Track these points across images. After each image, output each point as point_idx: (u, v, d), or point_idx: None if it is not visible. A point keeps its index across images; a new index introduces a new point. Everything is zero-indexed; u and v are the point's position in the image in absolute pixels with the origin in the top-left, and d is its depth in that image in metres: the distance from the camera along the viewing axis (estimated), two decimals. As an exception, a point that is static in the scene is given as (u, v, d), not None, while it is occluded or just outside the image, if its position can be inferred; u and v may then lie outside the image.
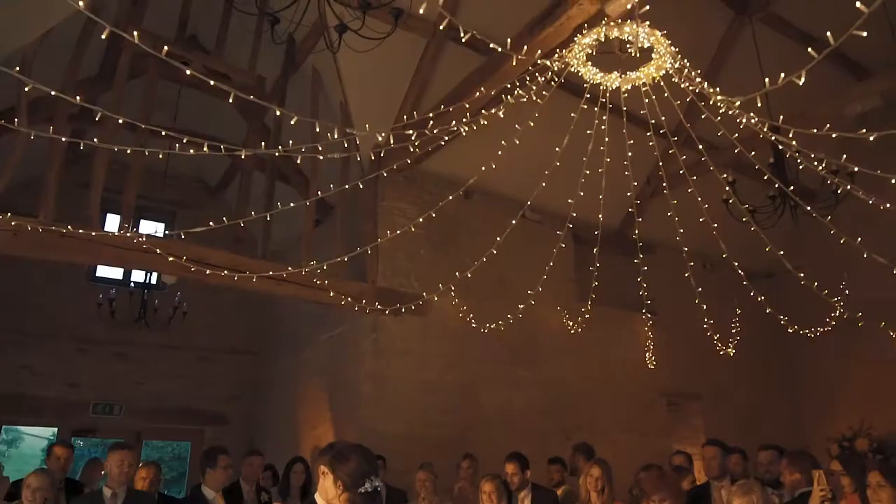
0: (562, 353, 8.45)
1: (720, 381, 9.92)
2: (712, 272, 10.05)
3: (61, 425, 9.12)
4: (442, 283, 6.27)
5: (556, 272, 8.24)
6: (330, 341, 8.21)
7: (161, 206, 9.77)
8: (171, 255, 5.77)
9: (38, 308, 9.21)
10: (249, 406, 10.18)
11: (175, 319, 8.57)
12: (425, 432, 7.03)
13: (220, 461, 4.94)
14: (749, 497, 3.63)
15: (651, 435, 8.75)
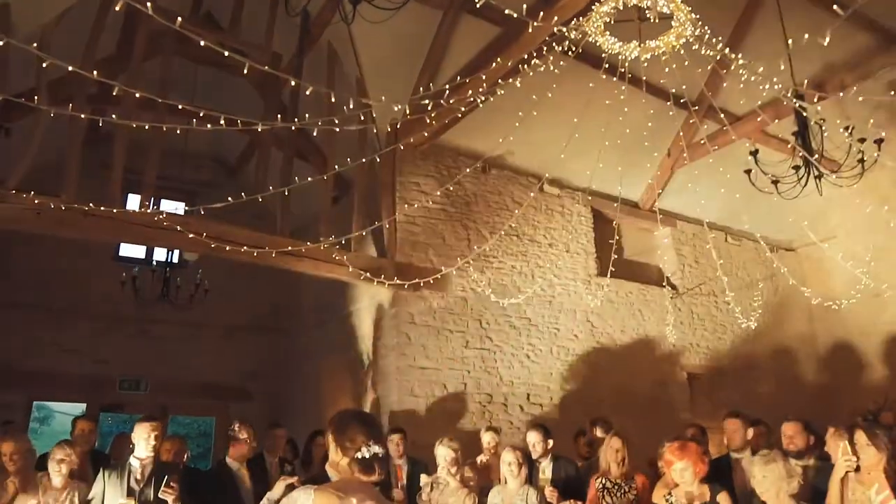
0: (582, 327, 8.43)
1: (742, 354, 9.84)
2: (734, 245, 9.96)
3: (90, 401, 9.31)
4: (460, 257, 6.28)
5: (575, 246, 8.24)
6: (350, 316, 8.27)
7: (181, 186, 9.83)
8: (192, 232, 5.83)
9: (64, 287, 9.39)
10: (272, 381, 10.33)
11: (197, 297, 8.66)
12: (446, 405, 7.08)
13: (243, 433, 5.02)
14: (771, 467, 3.62)
15: (672, 409, 8.73)
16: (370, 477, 2.35)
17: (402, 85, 7.07)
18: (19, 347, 9.12)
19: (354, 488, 2.33)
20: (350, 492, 2.31)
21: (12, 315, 9.05)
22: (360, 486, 2.35)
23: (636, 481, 4.91)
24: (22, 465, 4.54)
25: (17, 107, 6.36)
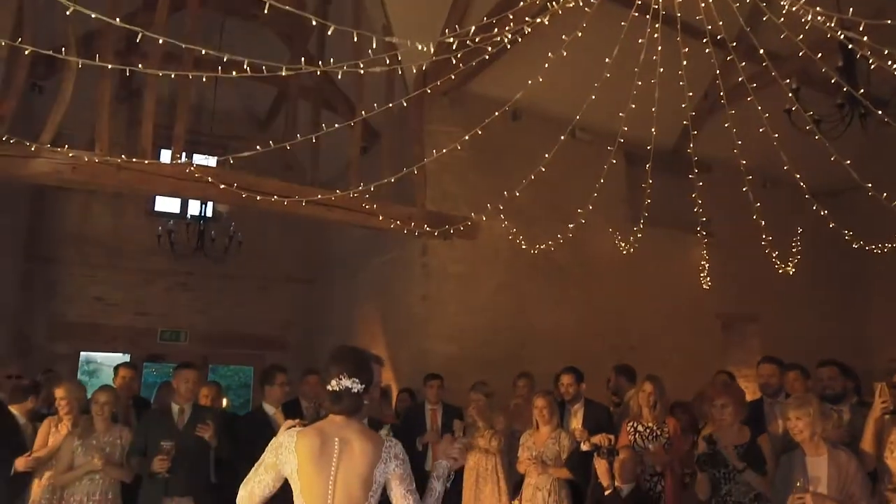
0: (614, 275, 8.36)
1: (779, 302, 9.68)
2: (773, 190, 9.66)
3: (133, 352, 9.63)
4: (490, 205, 6.22)
5: (608, 192, 8.07)
6: (381, 266, 8.32)
7: (211, 141, 9.90)
8: (223, 182, 5.87)
9: (104, 243, 9.63)
10: (306, 331, 10.54)
11: (231, 249, 8.81)
12: (477, 353, 7.13)
13: (277, 378, 5.14)
14: (805, 409, 3.58)
15: (705, 357, 8.66)
16: (339, 409, 2.35)
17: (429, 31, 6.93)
18: (63, 301, 9.43)
19: (337, 427, 2.35)
20: (333, 431, 2.33)
21: (54, 270, 9.34)
22: (343, 424, 2.35)
23: (668, 425, 4.92)
24: (72, 410, 4.74)
25: (48, 64, 6.44)
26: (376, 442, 2.31)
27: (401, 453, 2.34)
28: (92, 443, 4.57)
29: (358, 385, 2.33)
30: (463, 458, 2.57)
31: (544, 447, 4.98)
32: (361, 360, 2.44)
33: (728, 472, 4.04)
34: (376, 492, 2.28)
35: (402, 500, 2.29)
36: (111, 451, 4.60)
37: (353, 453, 2.27)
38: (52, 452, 4.63)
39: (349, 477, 2.25)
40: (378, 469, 2.27)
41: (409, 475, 2.33)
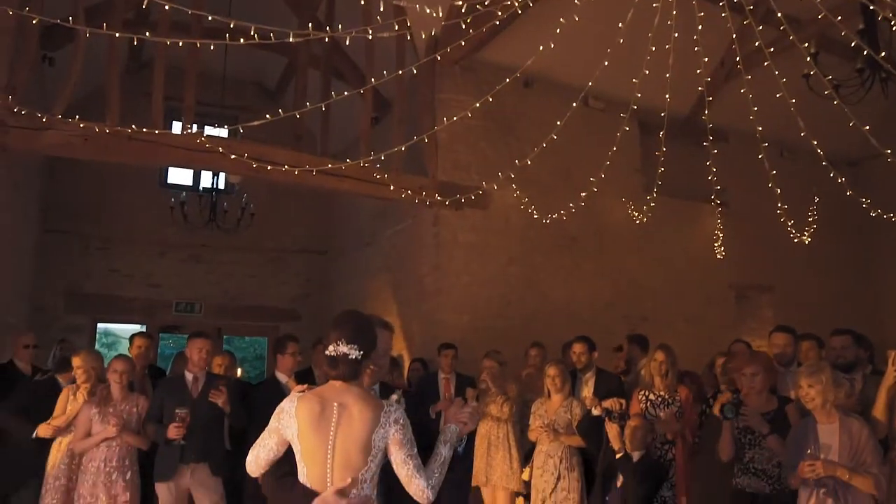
0: (626, 245, 8.31)
1: (793, 272, 9.59)
2: (789, 160, 9.55)
3: (148, 323, 9.73)
4: (502, 174, 6.17)
5: (621, 162, 7.99)
6: (393, 237, 8.32)
7: (222, 112, 9.87)
8: (233, 153, 5.86)
9: (117, 215, 9.70)
10: (319, 302, 10.60)
11: (244, 221, 8.83)
12: (490, 323, 7.14)
13: (289, 347, 5.18)
14: (817, 377, 3.55)
15: (718, 327, 8.62)
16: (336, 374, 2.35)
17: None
18: (79, 273, 9.53)
19: (337, 392, 2.34)
20: (332, 396, 2.33)
21: (69, 242, 9.42)
22: (343, 389, 2.35)
23: (679, 394, 4.92)
24: (89, 378, 4.81)
25: (57, 34, 6.41)
26: (375, 407, 2.30)
27: (401, 418, 2.30)
28: (109, 410, 4.64)
29: (356, 351, 2.31)
30: (473, 422, 2.49)
31: (556, 415, 5.01)
32: (361, 325, 2.41)
33: (753, 437, 4.03)
34: (376, 456, 2.27)
35: (402, 465, 2.27)
36: (128, 418, 4.68)
37: (352, 418, 2.27)
38: (71, 420, 4.71)
39: (348, 442, 2.26)
40: (377, 434, 2.25)
41: (409, 440, 2.30)
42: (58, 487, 4.60)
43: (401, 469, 2.28)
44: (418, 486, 2.26)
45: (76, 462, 4.67)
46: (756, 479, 3.97)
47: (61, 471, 4.65)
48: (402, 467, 2.28)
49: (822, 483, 3.35)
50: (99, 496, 4.48)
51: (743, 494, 3.98)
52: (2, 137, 5.37)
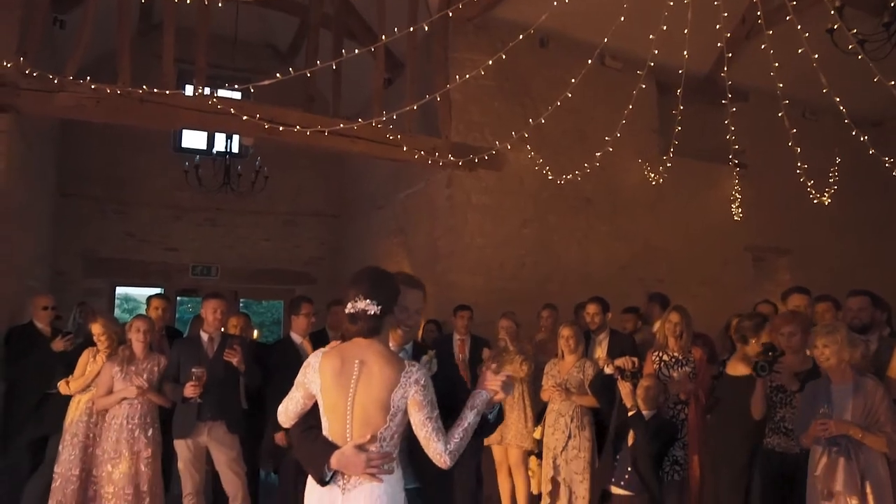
0: (643, 207, 8.22)
1: (813, 235, 9.46)
2: (811, 120, 9.34)
3: (166, 286, 9.84)
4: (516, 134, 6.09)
5: (638, 122, 7.87)
6: (406, 199, 8.29)
7: (234, 75, 9.81)
8: (245, 114, 5.84)
9: (133, 180, 9.75)
10: (334, 266, 10.67)
11: (258, 185, 8.83)
12: (503, 285, 7.14)
13: (303, 308, 5.23)
14: (833, 336, 3.52)
15: (734, 290, 8.55)
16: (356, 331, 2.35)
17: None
18: (96, 237, 9.63)
19: (359, 349, 2.34)
20: (354, 353, 2.33)
21: (85, 207, 9.50)
22: (366, 346, 2.34)
23: (693, 355, 4.90)
24: (111, 344, 4.89)
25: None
26: (396, 366, 2.27)
27: (422, 379, 2.26)
28: (131, 369, 4.74)
29: (374, 307, 2.30)
30: (506, 391, 2.38)
31: (568, 375, 5.03)
32: (379, 280, 2.40)
33: (785, 396, 4.01)
34: (395, 415, 2.25)
35: (421, 427, 2.24)
36: (150, 377, 4.78)
37: (372, 376, 2.27)
38: (90, 380, 4.80)
39: (366, 399, 2.26)
40: (396, 393, 2.23)
41: (429, 402, 2.25)
42: (75, 444, 4.72)
43: (419, 431, 2.25)
44: (436, 450, 2.23)
45: (94, 419, 4.78)
46: (786, 438, 3.96)
47: (79, 427, 4.77)
48: (420, 429, 2.25)
49: (834, 442, 3.34)
50: (122, 452, 4.60)
51: (772, 454, 3.98)
52: (14, 100, 5.37)
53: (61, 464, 4.68)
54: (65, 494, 4.62)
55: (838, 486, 3.25)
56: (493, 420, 2.49)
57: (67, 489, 4.63)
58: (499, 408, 2.49)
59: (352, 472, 2.25)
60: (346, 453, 2.25)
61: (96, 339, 4.88)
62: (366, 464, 2.21)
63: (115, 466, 4.57)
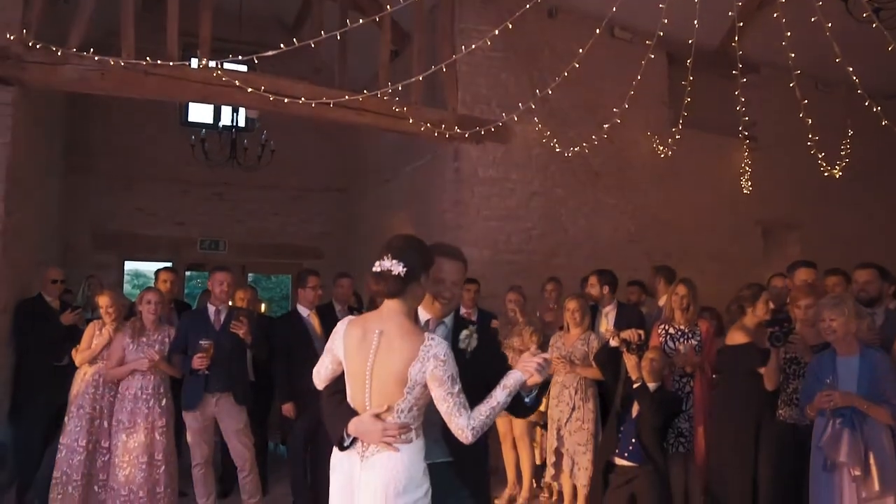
0: (651, 180, 8.15)
1: (823, 209, 9.38)
2: (824, 93, 9.19)
3: (175, 261, 9.87)
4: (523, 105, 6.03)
5: (648, 95, 7.78)
6: (413, 173, 8.26)
7: (239, 48, 9.73)
8: (251, 86, 5.80)
9: (139, 154, 9.74)
10: (341, 240, 10.67)
11: (264, 158, 8.81)
12: (510, 258, 7.13)
13: (309, 281, 5.25)
14: (840, 309, 3.50)
15: (743, 264, 8.50)
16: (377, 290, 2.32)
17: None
18: (104, 212, 9.66)
19: (381, 320, 2.33)
20: (375, 324, 2.32)
21: (93, 181, 9.51)
22: (389, 317, 2.32)
23: (700, 328, 4.89)
24: (118, 317, 4.93)
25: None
26: (415, 340, 2.22)
27: (441, 354, 2.18)
28: (142, 340, 4.79)
29: (399, 267, 2.24)
30: (541, 374, 2.27)
31: (573, 348, 5.03)
32: (411, 244, 2.36)
33: (799, 368, 4.00)
34: (413, 389, 2.21)
35: (442, 402, 2.18)
36: (160, 348, 4.82)
37: (391, 348, 2.25)
38: (97, 352, 4.86)
39: (384, 371, 2.25)
40: (413, 367, 2.18)
41: (450, 377, 2.17)
42: (81, 415, 4.77)
43: (440, 405, 2.20)
44: (458, 425, 2.17)
45: (100, 391, 4.84)
46: (799, 410, 3.95)
47: (85, 399, 4.81)
48: (441, 404, 2.19)
49: (839, 413, 3.34)
50: (137, 422, 4.66)
51: (784, 425, 3.98)
52: (18, 73, 5.35)
53: (67, 435, 4.75)
54: (70, 465, 4.69)
55: (842, 457, 3.25)
56: (529, 403, 2.40)
57: (73, 460, 4.70)
58: (537, 391, 2.40)
59: (368, 440, 2.25)
60: (363, 421, 2.26)
61: (103, 312, 4.92)
62: (382, 433, 2.21)
63: (129, 436, 4.64)
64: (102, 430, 4.81)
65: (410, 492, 2.19)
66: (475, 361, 2.45)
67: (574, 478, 4.98)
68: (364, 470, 2.25)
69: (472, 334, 2.50)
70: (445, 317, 2.54)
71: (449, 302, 2.50)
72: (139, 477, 4.60)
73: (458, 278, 2.51)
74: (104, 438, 4.81)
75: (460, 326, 2.55)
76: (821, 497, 3.42)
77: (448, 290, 2.48)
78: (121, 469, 4.62)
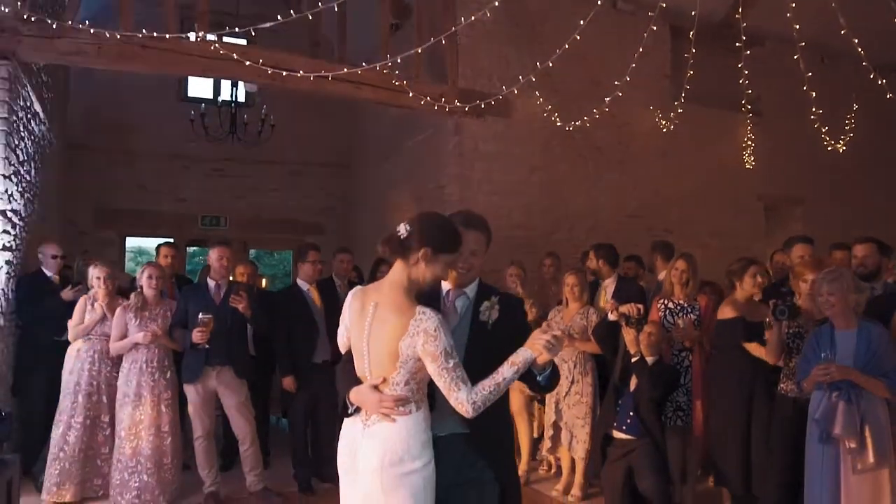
0: (653, 155, 8.10)
1: (826, 184, 9.32)
2: (829, 67, 9.07)
3: (176, 236, 9.88)
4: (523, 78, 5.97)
5: (650, 69, 7.71)
6: (414, 147, 8.21)
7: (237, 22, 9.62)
8: (249, 60, 5.75)
9: (140, 130, 9.70)
10: (343, 216, 10.68)
11: (264, 133, 8.77)
12: (511, 234, 7.11)
13: (309, 256, 5.25)
14: (838, 283, 3.49)
15: (745, 240, 8.48)
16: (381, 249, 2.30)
17: None
18: (105, 188, 9.67)
19: (379, 292, 2.33)
20: (373, 296, 2.32)
21: (93, 157, 9.51)
22: (386, 290, 2.31)
23: (699, 302, 4.88)
24: (111, 290, 4.93)
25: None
26: (406, 314, 2.19)
27: (432, 328, 2.13)
28: (145, 314, 4.81)
29: (404, 229, 2.24)
30: (551, 352, 2.17)
31: (572, 322, 5.04)
32: (428, 216, 2.35)
33: (803, 343, 4.00)
34: (406, 363, 2.18)
35: (438, 377, 2.15)
36: (162, 322, 4.86)
37: (384, 322, 2.24)
38: (90, 327, 4.88)
39: (377, 344, 2.25)
40: (404, 342, 2.16)
41: (443, 352, 2.12)
42: (78, 391, 4.80)
43: (437, 381, 2.16)
44: (457, 399, 2.13)
45: (97, 367, 4.86)
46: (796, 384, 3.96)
47: (81, 376, 4.83)
48: (437, 379, 2.16)
49: (836, 387, 3.34)
50: (143, 395, 4.71)
51: (785, 399, 3.99)
52: (14, 46, 5.29)
53: (63, 411, 4.77)
54: (67, 441, 4.73)
55: (837, 430, 3.26)
56: (542, 382, 2.30)
57: (70, 436, 4.73)
58: (551, 369, 2.30)
59: (367, 409, 2.27)
60: (362, 391, 2.27)
61: (97, 284, 4.92)
62: (379, 404, 2.21)
63: (136, 408, 4.69)
64: (102, 405, 4.85)
65: (406, 462, 2.18)
66: (497, 334, 2.39)
67: (572, 451, 5.02)
68: (364, 437, 2.27)
69: (494, 305, 2.41)
70: (466, 286, 2.47)
71: (466, 273, 2.44)
72: (147, 449, 4.67)
73: (476, 248, 2.44)
74: (104, 413, 4.85)
75: (483, 298, 2.47)
76: (816, 469, 3.44)
77: (464, 260, 2.41)
78: (128, 441, 4.67)
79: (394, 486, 2.17)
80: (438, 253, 2.26)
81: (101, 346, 4.91)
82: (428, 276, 2.29)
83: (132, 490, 4.63)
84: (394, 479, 2.17)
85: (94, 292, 4.96)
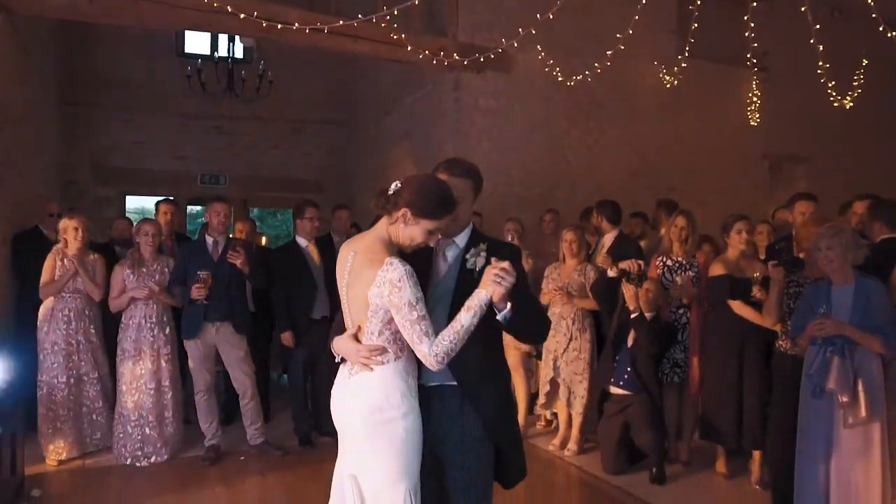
0: (656, 111, 7.98)
1: (833, 143, 9.19)
2: (840, 21, 8.86)
3: (175, 195, 9.83)
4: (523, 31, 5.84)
5: (654, 22, 7.53)
6: (413, 103, 8.11)
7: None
8: (243, 12, 5.64)
9: (138, 86, 9.57)
10: (342, 173, 10.60)
11: (262, 90, 8.65)
12: (510, 191, 7.06)
13: (307, 212, 5.23)
14: (838, 238, 3.44)
15: (748, 198, 8.39)
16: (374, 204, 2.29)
17: None
18: (104, 146, 9.60)
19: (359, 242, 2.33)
20: (353, 245, 2.32)
21: (91, 115, 9.41)
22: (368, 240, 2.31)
23: (698, 259, 4.87)
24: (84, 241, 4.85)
25: None
26: (375, 263, 2.16)
27: (397, 279, 2.08)
28: (143, 271, 4.82)
29: (395, 186, 2.23)
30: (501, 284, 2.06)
31: (569, 279, 5.03)
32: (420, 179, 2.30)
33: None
34: (376, 313, 2.17)
35: (403, 330, 2.12)
36: (161, 278, 4.86)
37: (358, 271, 2.23)
38: (62, 286, 4.74)
39: (352, 293, 2.27)
40: (372, 291, 2.14)
41: (408, 304, 2.07)
42: (56, 351, 4.74)
43: (403, 332, 2.14)
44: (420, 352, 2.11)
45: (73, 326, 4.78)
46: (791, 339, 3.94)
47: (59, 336, 4.74)
48: (402, 331, 2.13)
49: (830, 342, 3.33)
50: (143, 350, 4.76)
51: (784, 357, 3.98)
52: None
53: (45, 371, 4.72)
54: (52, 400, 4.71)
55: (831, 384, 3.26)
56: (504, 323, 2.16)
57: (56, 396, 4.71)
58: (509, 307, 2.14)
59: (348, 358, 2.29)
60: (342, 340, 2.29)
61: (74, 235, 4.75)
62: (357, 353, 2.23)
63: (136, 363, 4.73)
64: (85, 360, 4.83)
65: (386, 411, 2.19)
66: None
67: (570, 406, 5.06)
68: (348, 386, 2.30)
69: (480, 252, 2.31)
70: (455, 235, 2.39)
71: (451, 221, 2.32)
72: (148, 402, 4.73)
73: (461, 195, 2.31)
74: (91, 369, 4.85)
75: (474, 244, 2.37)
76: (809, 423, 3.46)
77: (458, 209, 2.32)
78: (129, 395, 4.73)
79: (376, 434, 2.19)
80: (419, 217, 2.19)
81: (76, 303, 4.80)
82: (403, 238, 2.24)
83: (135, 442, 4.72)
84: (375, 428, 2.19)
85: (63, 246, 4.79)
